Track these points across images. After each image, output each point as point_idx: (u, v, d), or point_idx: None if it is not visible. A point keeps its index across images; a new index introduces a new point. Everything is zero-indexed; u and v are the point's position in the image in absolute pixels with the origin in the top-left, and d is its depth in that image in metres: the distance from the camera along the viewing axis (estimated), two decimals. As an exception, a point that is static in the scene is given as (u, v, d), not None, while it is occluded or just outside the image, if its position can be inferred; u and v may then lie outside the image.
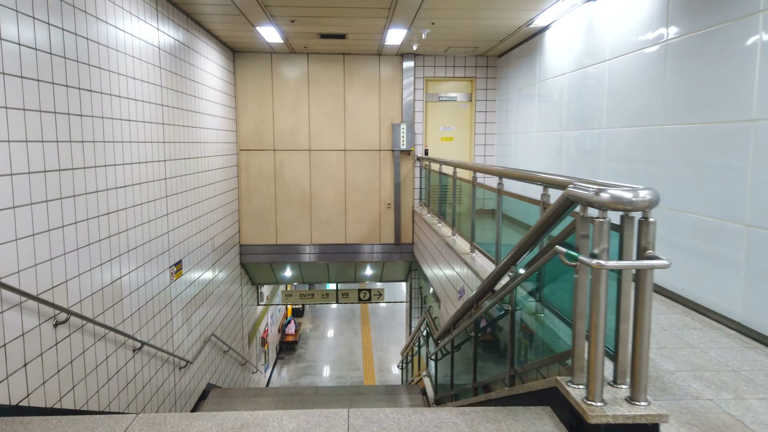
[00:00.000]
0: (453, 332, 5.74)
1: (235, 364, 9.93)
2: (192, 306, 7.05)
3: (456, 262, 6.19)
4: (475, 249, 5.78)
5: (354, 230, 10.37)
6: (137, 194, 5.30)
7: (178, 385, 6.50)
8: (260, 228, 10.25)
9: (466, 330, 4.81)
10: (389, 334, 18.00)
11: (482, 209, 7.34)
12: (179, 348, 6.51)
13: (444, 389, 6.58)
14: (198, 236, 7.39)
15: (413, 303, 11.36)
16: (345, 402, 7.42)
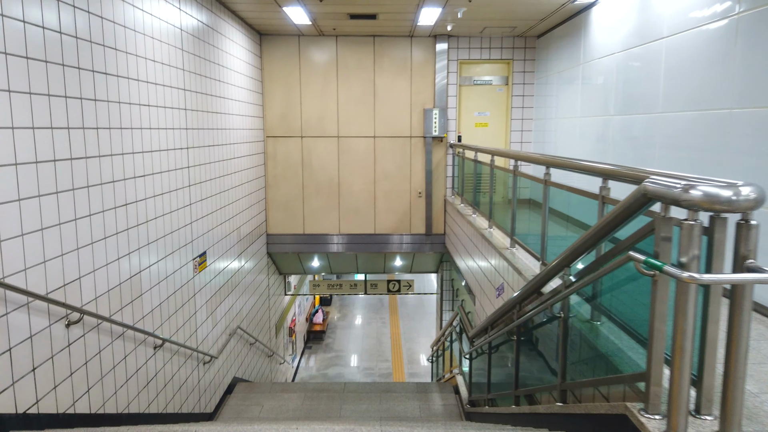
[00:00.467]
0: (491, 332, 5.37)
1: (262, 356, 9.74)
2: (217, 298, 6.82)
3: (493, 256, 5.79)
4: (516, 244, 5.37)
5: (383, 220, 10.02)
6: (158, 184, 5.03)
7: (203, 381, 6.29)
8: (287, 217, 9.98)
9: (507, 333, 4.42)
10: (418, 325, 17.69)
11: (519, 199, 6.90)
12: (203, 343, 6.29)
13: (479, 390, 6.22)
14: (223, 226, 7.14)
15: (444, 295, 11.00)
16: (374, 400, 7.12)
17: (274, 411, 6.83)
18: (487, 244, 6.12)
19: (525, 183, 5.38)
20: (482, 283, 6.42)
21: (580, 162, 3.51)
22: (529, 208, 5.63)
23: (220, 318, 6.97)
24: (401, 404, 7.02)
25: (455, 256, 8.94)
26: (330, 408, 6.90)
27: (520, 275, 4.63)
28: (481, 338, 5.99)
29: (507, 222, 5.98)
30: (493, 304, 5.81)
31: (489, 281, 6.02)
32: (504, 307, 4.76)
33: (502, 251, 5.39)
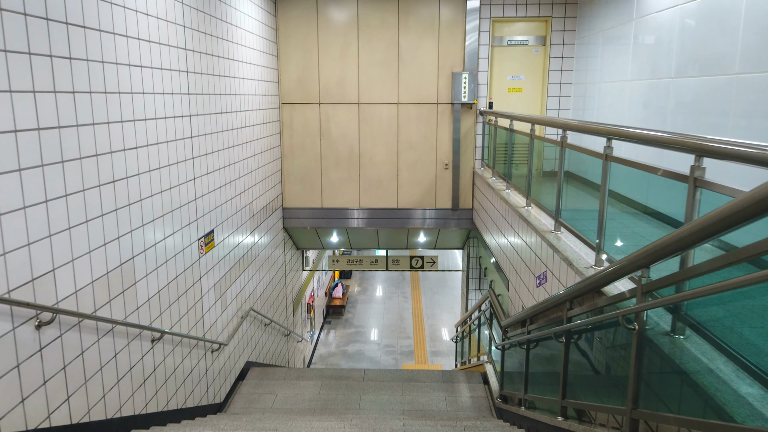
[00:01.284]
0: (529, 326, 4.73)
1: (278, 336, 9.29)
2: (227, 280, 6.29)
3: (532, 238, 5.11)
4: (561, 227, 4.67)
5: (407, 193, 9.35)
6: (154, 156, 4.43)
7: (211, 371, 5.81)
8: (304, 190, 9.37)
9: (554, 335, 3.77)
10: (441, 300, 17.14)
11: (551, 171, 6.17)
12: (211, 330, 5.78)
13: (512, 385, 5.63)
14: (233, 201, 6.55)
15: (471, 273, 10.36)
16: (396, 390, 6.59)
17: (289, 401, 6.35)
18: (524, 225, 5.43)
19: (571, 158, 4.65)
20: (518, 267, 5.76)
21: (663, 135, 2.78)
22: (576, 186, 4.91)
23: (231, 301, 6.45)
24: (426, 395, 6.47)
25: (484, 233, 8.26)
26: (348, 399, 6.39)
27: (570, 266, 3.95)
28: (517, 331, 5.36)
29: (549, 201, 5.27)
30: (531, 293, 5.16)
31: (527, 266, 5.35)
32: (548, 302, 4.10)
33: (544, 234, 4.70)
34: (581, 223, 4.44)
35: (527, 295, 5.31)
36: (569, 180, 4.80)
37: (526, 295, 5.40)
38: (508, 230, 6.35)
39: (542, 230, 4.83)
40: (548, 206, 5.15)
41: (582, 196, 4.70)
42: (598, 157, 3.73)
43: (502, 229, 6.69)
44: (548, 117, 5.97)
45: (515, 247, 5.90)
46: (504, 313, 6.30)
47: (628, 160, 3.31)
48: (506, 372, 5.95)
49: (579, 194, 4.71)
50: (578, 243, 4.30)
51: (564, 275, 4.12)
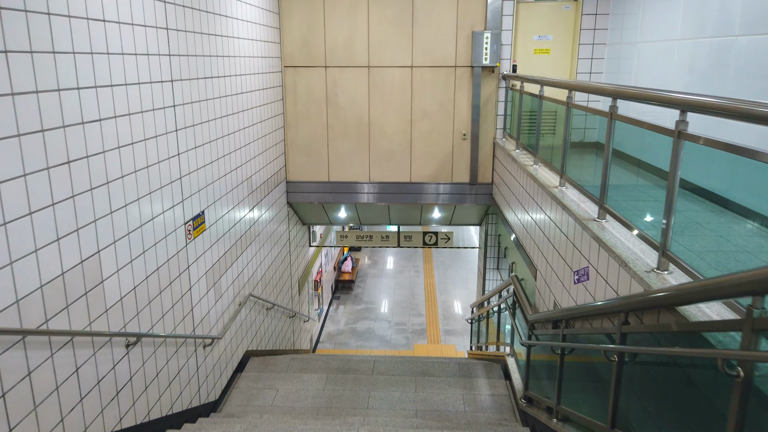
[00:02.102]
0: (564, 329, 4.06)
1: (282, 319, 8.72)
2: (222, 266, 5.65)
3: (569, 225, 4.39)
4: (607, 214, 3.94)
5: (421, 166, 8.60)
6: (124, 130, 3.73)
7: (203, 368, 5.23)
8: (310, 162, 8.65)
9: (604, 353, 3.09)
10: (454, 274, 16.53)
11: (582, 143, 5.43)
12: (202, 323, 5.17)
13: (540, 388, 5.00)
14: (229, 177, 5.87)
15: (488, 252, 9.67)
16: (409, 386, 6.00)
17: (291, 397, 5.79)
18: (558, 208, 4.70)
19: (623, 133, 3.88)
20: (549, 255, 5.05)
21: None
22: (625, 167, 4.16)
23: (227, 288, 5.83)
24: (441, 393, 5.88)
25: (505, 210, 7.54)
26: (356, 396, 5.81)
27: (624, 267, 3.23)
28: (548, 330, 4.69)
29: (591, 182, 4.54)
30: (566, 288, 4.46)
31: (560, 256, 4.64)
32: (592, 309, 3.42)
33: (585, 222, 3.98)
34: (634, 212, 3.72)
35: (561, 290, 4.62)
36: (617, 160, 4.05)
37: (558, 289, 4.71)
38: (535, 211, 5.62)
39: (582, 217, 4.11)
40: (590, 188, 4.41)
41: (631, 178, 3.96)
42: (665, 134, 2.97)
43: (529, 210, 5.96)
44: (593, 83, 5.06)
45: (545, 232, 5.18)
46: (530, 305, 5.63)
47: (717, 140, 2.55)
48: (533, 371, 5.32)
49: (631, 177, 3.97)
50: (630, 236, 3.58)
51: (614, 276, 3.41)
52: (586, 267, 3.95)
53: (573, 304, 4.24)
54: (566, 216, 4.46)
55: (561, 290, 4.61)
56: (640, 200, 3.96)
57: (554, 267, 4.85)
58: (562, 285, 4.59)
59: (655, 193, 3.47)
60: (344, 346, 12.15)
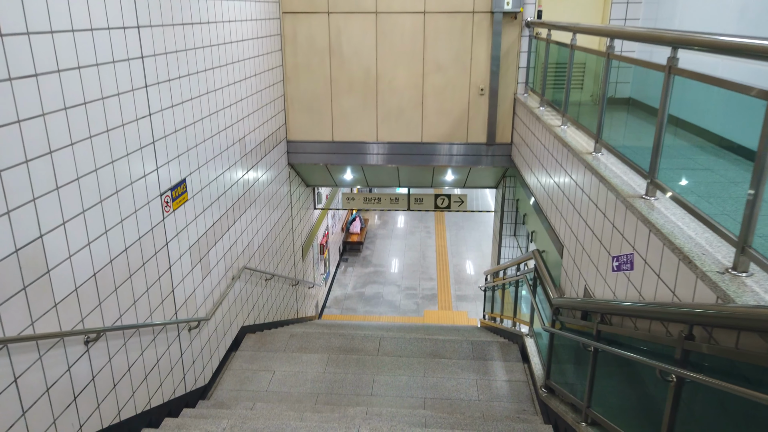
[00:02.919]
0: (599, 324, 3.45)
1: (284, 288, 8.21)
2: (209, 239, 5.07)
3: (608, 202, 3.72)
4: (658, 190, 3.25)
5: (433, 125, 7.86)
6: (72, 86, 3.06)
7: (189, 353, 4.72)
8: (312, 120, 7.93)
9: (659, 373, 2.48)
10: (467, 236, 15.92)
11: (611, 98, 4.70)
12: (187, 304, 4.63)
13: (564, 376, 4.45)
14: (216, 139, 5.22)
15: (505, 217, 9.00)
16: (417, 370, 5.49)
17: (288, 382, 5.30)
18: (593, 179, 4.02)
19: (681, 94, 3.14)
20: (581, 233, 4.40)
21: None
22: (681, 136, 3.45)
23: (216, 262, 5.27)
24: (453, 378, 5.36)
25: (526, 174, 6.84)
26: (359, 380, 5.31)
27: (688, 263, 2.57)
28: (576, 320, 4.08)
29: (635, 149, 3.83)
30: (602, 274, 3.82)
31: (596, 237, 3.98)
32: (639, 309, 2.80)
33: (630, 200, 3.30)
34: (696, 192, 3.04)
35: (594, 275, 3.98)
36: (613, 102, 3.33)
37: (590, 273, 4.07)
38: (563, 180, 4.93)
39: (626, 193, 3.42)
40: (635, 157, 3.71)
41: (697, 152, 3.25)
42: (751, 94, 2.26)
43: (555, 176, 5.27)
44: (645, 29, 4.21)
45: (576, 205, 4.51)
46: (555, 285, 5.01)
47: None
48: (556, 358, 4.75)
49: (692, 149, 3.26)
50: (691, 222, 2.90)
51: (669, 272, 2.76)
52: (630, 254, 3.30)
53: (610, 294, 3.61)
54: (604, 189, 3.78)
55: (594, 275, 3.97)
56: (706, 178, 3.27)
57: (586, 247, 4.20)
58: (596, 269, 3.95)
59: (731, 172, 2.79)
60: (351, 311, 11.72)
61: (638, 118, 5.25)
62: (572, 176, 4.63)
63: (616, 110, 4.99)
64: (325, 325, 8.33)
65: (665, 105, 3.14)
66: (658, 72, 3.17)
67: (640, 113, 5.53)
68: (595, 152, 4.35)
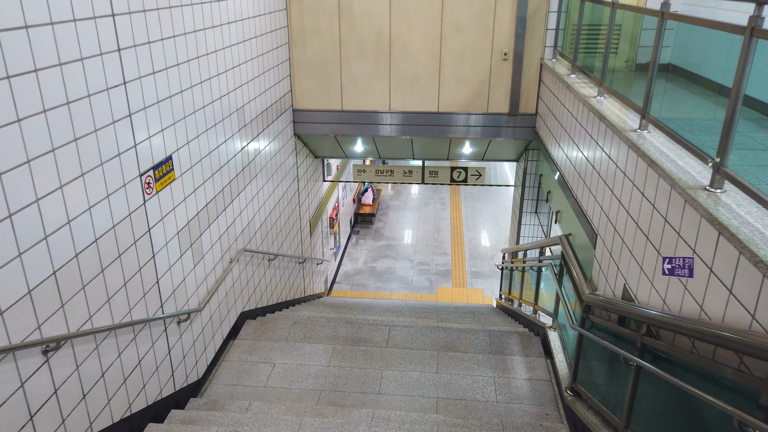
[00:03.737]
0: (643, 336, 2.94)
1: (289, 266, 7.77)
2: (202, 221, 4.59)
3: (657, 191, 3.15)
4: (726, 180, 2.68)
5: (451, 93, 7.22)
6: (17, 50, 2.53)
7: (178, 348, 4.29)
8: (320, 87, 7.34)
9: (738, 423, 1.96)
10: (483, 208, 15.33)
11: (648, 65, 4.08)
12: (175, 295, 4.18)
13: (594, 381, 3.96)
14: (210, 109, 4.68)
15: (527, 193, 8.40)
16: (429, 364, 5.04)
17: (289, 376, 4.88)
18: (639, 162, 3.43)
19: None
20: (621, 224, 3.83)
21: None
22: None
23: (210, 247, 4.80)
24: (468, 374, 4.90)
25: (553, 149, 6.23)
26: (366, 376, 4.87)
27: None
28: (611, 324, 3.56)
29: (693, 128, 3.24)
30: (646, 273, 3.28)
31: (641, 231, 3.42)
32: (703, 331, 2.28)
33: (691, 193, 2.72)
34: None
35: (637, 275, 3.43)
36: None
37: (632, 272, 3.52)
38: (600, 159, 4.34)
39: (685, 183, 2.84)
40: (693, 139, 3.11)
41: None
42: None
43: (588, 154, 4.67)
44: None
45: (615, 191, 3.93)
46: (585, 278, 4.47)
47: None
48: (584, 358, 4.26)
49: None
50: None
51: (749, 292, 2.20)
52: (688, 259, 2.74)
53: (658, 301, 3.07)
54: (653, 175, 3.20)
55: (637, 275, 3.42)
56: None
57: (627, 239, 3.64)
58: (639, 268, 3.40)
59: None
60: (362, 287, 11.30)
61: (691, 92, 4.60)
62: (611, 156, 4.04)
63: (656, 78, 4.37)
64: (333, 307, 7.91)
65: (743, 76, 2.53)
66: (737, 35, 2.55)
67: (682, 82, 4.87)
68: (640, 129, 3.74)
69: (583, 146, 4.82)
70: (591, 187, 4.55)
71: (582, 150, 4.87)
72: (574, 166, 5.15)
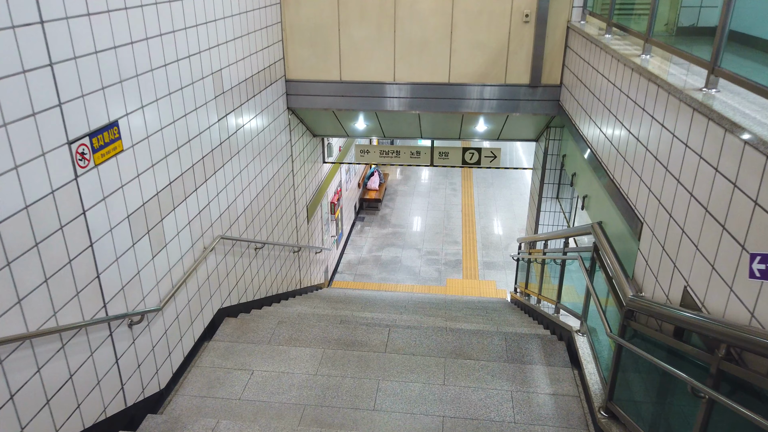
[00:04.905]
0: (721, 360, 2.14)
1: (281, 257, 7.02)
2: (163, 203, 3.84)
3: (741, 165, 2.33)
4: None
5: (464, 61, 6.38)
6: None
7: (129, 356, 3.56)
8: (315, 55, 6.53)
9: None
10: (496, 194, 14.48)
11: (694, 28, 3.26)
12: (125, 293, 3.43)
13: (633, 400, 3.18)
14: (175, 69, 3.91)
15: (547, 176, 7.56)
16: (435, 375, 4.27)
17: (268, 387, 4.14)
18: (713, 130, 2.61)
19: None
20: (679, 206, 3.01)
21: None
22: None
23: (176, 234, 4.05)
24: (480, 388, 4.13)
25: (582, 123, 5.39)
26: (359, 387, 4.12)
27: None
28: (666, 336, 2.76)
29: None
30: (720, 273, 2.47)
31: (713, 218, 2.60)
32: None
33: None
34: None
35: (706, 276, 2.62)
36: None
37: (698, 270, 2.71)
38: (648, 130, 3.52)
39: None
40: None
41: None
42: None
43: (632, 125, 3.85)
44: None
45: (671, 167, 3.11)
46: (627, 275, 3.65)
47: None
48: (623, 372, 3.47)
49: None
50: None
51: None
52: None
53: (742, 311, 2.27)
54: (735, 143, 2.37)
55: (707, 275, 2.61)
56: None
57: (689, 228, 2.83)
58: (709, 266, 2.59)
59: None
60: (365, 278, 10.55)
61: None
62: (665, 124, 3.21)
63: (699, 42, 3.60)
64: (330, 301, 7.16)
65: None
66: None
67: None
68: (707, 88, 2.91)
69: (625, 116, 3.99)
70: (635, 165, 3.72)
71: (623, 121, 4.04)
72: (611, 142, 4.32)
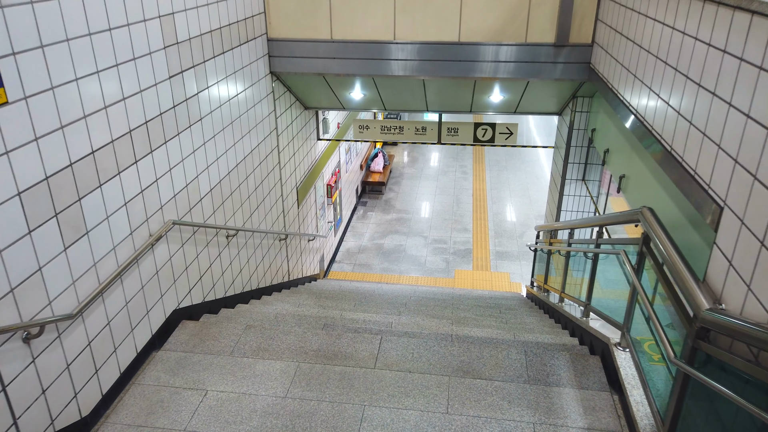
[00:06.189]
0: None
1: (263, 245, 6.11)
2: (80, 178, 2.94)
3: None
4: None
5: (477, 15, 5.38)
6: None
7: (26, 379, 2.67)
8: (302, 8, 5.55)
9: None
10: (510, 177, 13.45)
11: None
12: (14, 296, 2.53)
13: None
14: (94, 3, 2.97)
15: (571, 155, 6.55)
16: (437, 397, 3.36)
17: (224, 412, 3.25)
18: None
19: None
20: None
21: None
22: None
23: (105, 217, 3.15)
24: (493, 418, 3.21)
25: (624, 86, 4.40)
26: (339, 415, 3.22)
27: None
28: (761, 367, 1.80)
29: None
30: None
31: None
32: None
33: None
34: None
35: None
36: None
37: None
38: (735, 84, 2.53)
39: None
40: None
41: None
42: None
43: (709, 81, 2.86)
44: None
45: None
46: (696, 278, 2.68)
47: None
48: (690, 411, 2.53)
49: None
50: None
51: None
52: None
53: None
54: None
55: None
56: None
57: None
58: None
59: None
60: (365, 268, 9.65)
61: None
62: (763, 66, 2.23)
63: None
64: (319, 296, 6.26)
65: None
66: None
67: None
68: None
69: (694, 69, 3.00)
70: (710, 132, 2.74)
71: (691, 76, 3.04)
72: (672, 106, 3.33)
